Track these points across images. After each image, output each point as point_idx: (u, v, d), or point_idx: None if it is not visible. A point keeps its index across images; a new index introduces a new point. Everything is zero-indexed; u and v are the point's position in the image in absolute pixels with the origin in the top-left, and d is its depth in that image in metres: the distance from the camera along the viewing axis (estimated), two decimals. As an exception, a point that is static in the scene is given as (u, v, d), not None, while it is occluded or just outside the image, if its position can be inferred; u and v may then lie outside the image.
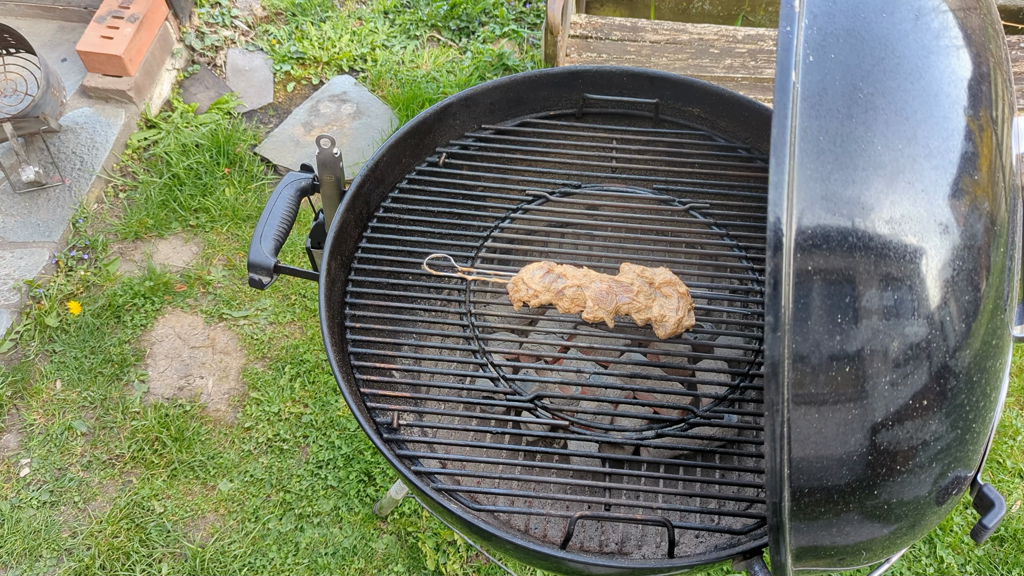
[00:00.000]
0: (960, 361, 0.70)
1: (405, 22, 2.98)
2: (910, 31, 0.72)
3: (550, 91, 1.43)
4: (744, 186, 1.36)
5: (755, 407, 1.20)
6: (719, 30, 2.61)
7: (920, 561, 1.92)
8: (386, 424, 1.13)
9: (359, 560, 1.90)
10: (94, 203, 2.46)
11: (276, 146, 2.64)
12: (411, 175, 1.37)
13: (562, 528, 1.19)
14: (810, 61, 0.68)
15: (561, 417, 1.16)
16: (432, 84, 2.74)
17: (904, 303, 0.67)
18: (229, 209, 2.45)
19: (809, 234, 0.65)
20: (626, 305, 1.19)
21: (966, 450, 0.76)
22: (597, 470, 1.09)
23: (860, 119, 0.67)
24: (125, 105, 2.58)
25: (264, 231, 1.19)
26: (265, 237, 1.19)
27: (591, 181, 1.39)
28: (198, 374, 2.18)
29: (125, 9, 2.57)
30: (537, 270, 1.22)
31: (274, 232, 1.20)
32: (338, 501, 1.97)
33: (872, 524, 0.76)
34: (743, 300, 1.34)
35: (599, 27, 2.62)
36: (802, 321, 0.66)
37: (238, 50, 2.89)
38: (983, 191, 0.71)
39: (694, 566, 1.02)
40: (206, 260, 2.37)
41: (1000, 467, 2.06)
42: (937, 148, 0.69)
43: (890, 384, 0.68)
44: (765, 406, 0.69)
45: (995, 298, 0.72)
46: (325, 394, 2.13)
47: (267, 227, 1.19)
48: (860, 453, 0.70)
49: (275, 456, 2.04)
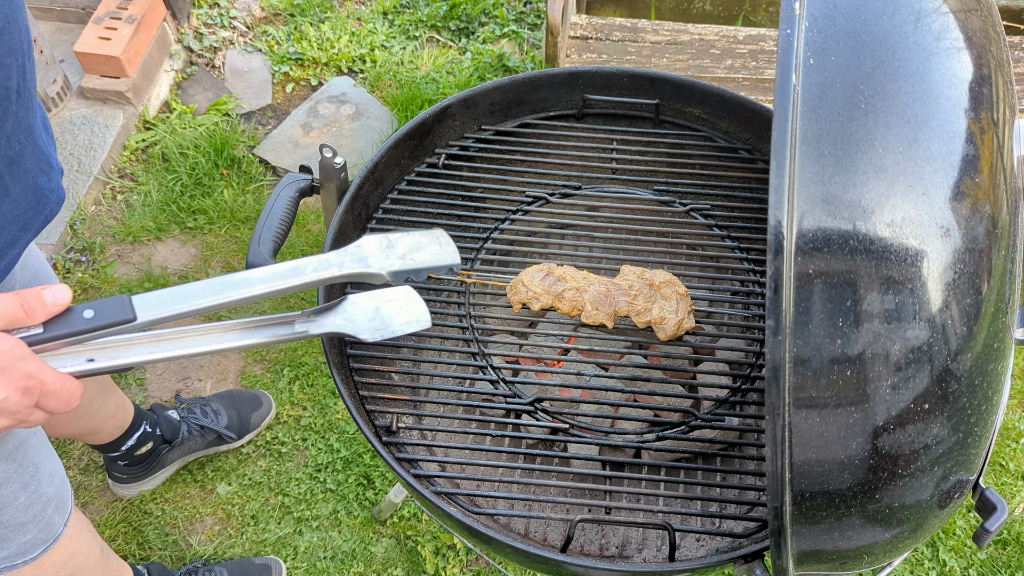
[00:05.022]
0: (962, 364, 0.70)
1: (404, 23, 2.98)
2: (911, 33, 0.72)
3: (550, 92, 1.42)
4: (745, 187, 1.35)
5: (756, 410, 1.20)
6: (720, 30, 2.61)
7: (923, 564, 1.92)
8: (385, 427, 1.13)
9: (358, 564, 1.89)
10: (92, 205, 2.45)
11: (275, 147, 2.64)
12: (410, 176, 1.37)
13: (562, 531, 1.18)
14: (811, 64, 0.68)
15: (561, 420, 1.16)
16: (431, 85, 2.74)
17: (905, 306, 0.67)
18: (227, 211, 2.44)
19: (810, 237, 0.65)
20: (625, 307, 1.19)
21: (968, 453, 0.76)
22: (597, 473, 1.09)
23: (861, 122, 0.67)
24: (123, 106, 2.57)
25: (263, 232, 1.18)
26: (264, 239, 1.18)
27: (591, 182, 1.39)
28: (196, 376, 2.18)
29: (123, 10, 2.57)
30: (537, 272, 1.22)
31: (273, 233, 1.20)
32: (337, 504, 1.97)
33: (874, 528, 0.76)
34: (744, 302, 1.34)
35: (599, 28, 2.61)
36: (803, 324, 0.66)
37: (236, 51, 2.89)
38: (984, 194, 0.71)
39: (695, 570, 1.02)
40: (204, 262, 2.37)
41: (1003, 470, 2.06)
42: (938, 151, 0.69)
43: (891, 388, 0.68)
44: (766, 409, 0.69)
45: (996, 301, 0.72)
46: (324, 397, 2.13)
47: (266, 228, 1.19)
48: (862, 457, 0.70)
49: (273, 459, 2.04)
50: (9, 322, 0.74)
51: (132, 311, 0.79)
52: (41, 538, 1.25)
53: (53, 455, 1.26)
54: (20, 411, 0.74)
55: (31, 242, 0.94)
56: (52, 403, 0.77)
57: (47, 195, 0.96)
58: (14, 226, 0.92)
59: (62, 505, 1.28)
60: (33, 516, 1.21)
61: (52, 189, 0.97)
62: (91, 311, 0.78)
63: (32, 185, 0.93)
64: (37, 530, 1.23)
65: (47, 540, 1.26)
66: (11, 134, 0.87)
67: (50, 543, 1.27)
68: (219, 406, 1.99)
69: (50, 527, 1.26)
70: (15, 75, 0.84)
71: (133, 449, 1.84)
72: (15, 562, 1.23)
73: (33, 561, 1.25)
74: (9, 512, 1.16)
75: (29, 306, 0.75)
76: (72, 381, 0.78)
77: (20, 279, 1.17)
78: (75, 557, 1.37)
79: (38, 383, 0.74)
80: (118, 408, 1.75)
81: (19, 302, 0.75)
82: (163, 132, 2.60)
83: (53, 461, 1.25)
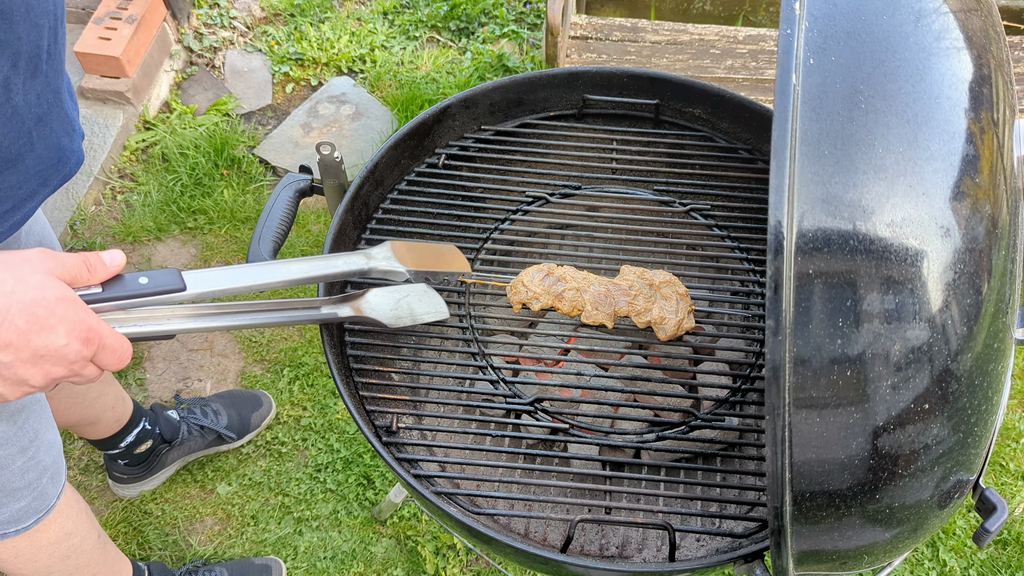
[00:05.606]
0: (962, 364, 0.70)
1: (404, 23, 2.98)
2: (911, 33, 0.72)
3: (550, 92, 1.42)
4: (745, 187, 1.35)
5: (756, 410, 1.20)
6: (720, 31, 2.61)
7: (923, 564, 1.92)
8: (385, 427, 1.13)
9: (358, 564, 1.89)
10: (92, 205, 2.45)
11: (275, 147, 2.64)
12: (410, 176, 1.37)
13: (562, 531, 1.18)
14: (811, 64, 0.68)
15: (561, 420, 1.16)
16: (431, 85, 2.74)
17: (905, 306, 0.67)
18: (227, 211, 2.44)
19: (810, 237, 0.65)
20: (625, 308, 1.19)
21: (968, 453, 0.76)
22: (597, 473, 1.09)
23: (861, 122, 0.67)
24: (123, 106, 2.57)
25: (263, 233, 1.18)
26: (264, 239, 1.18)
27: (591, 182, 1.39)
28: (196, 376, 2.18)
29: (123, 10, 2.57)
30: (537, 272, 1.22)
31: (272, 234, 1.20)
32: (337, 505, 1.97)
33: (874, 528, 0.76)
34: (744, 302, 1.34)
35: (599, 28, 2.61)
36: (803, 325, 0.66)
37: (236, 51, 2.89)
38: (984, 194, 0.71)
39: (695, 570, 1.02)
40: (204, 262, 2.37)
41: (1003, 470, 2.06)
42: (938, 151, 0.69)
43: (891, 388, 0.68)
44: (766, 410, 0.69)
45: (997, 301, 0.72)
46: (324, 397, 2.13)
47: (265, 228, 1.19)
48: (862, 457, 0.70)
49: (273, 459, 2.04)
50: (73, 278, 0.79)
51: (182, 281, 0.86)
52: (35, 507, 1.27)
53: (53, 426, 1.27)
54: (77, 361, 0.77)
55: (46, 199, 0.99)
56: (107, 358, 0.80)
57: (68, 155, 1.01)
58: (34, 180, 0.96)
59: (57, 476, 1.30)
60: (28, 483, 1.23)
61: (73, 151, 1.02)
62: (145, 278, 0.85)
63: (56, 144, 0.97)
64: (31, 498, 1.25)
65: (40, 510, 1.28)
66: (41, 92, 0.91)
67: (43, 513, 1.29)
68: (219, 406, 1.99)
69: (44, 497, 1.28)
70: (47, 36, 0.88)
71: (132, 447, 1.84)
72: (7, 530, 1.25)
73: (26, 531, 1.27)
74: (5, 475, 1.18)
75: (91, 264, 0.81)
76: (125, 340, 0.82)
77: (25, 246, 1.19)
78: (71, 537, 1.38)
79: (97, 335, 0.78)
80: (116, 400, 1.76)
81: (82, 260, 0.80)
82: (163, 132, 2.60)
83: (52, 432, 1.27)
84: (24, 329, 0.73)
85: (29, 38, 0.85)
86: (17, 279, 0.73)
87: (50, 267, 0.76)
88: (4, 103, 0.84)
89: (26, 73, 0.87)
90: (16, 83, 0.85)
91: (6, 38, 0.81)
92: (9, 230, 0.95)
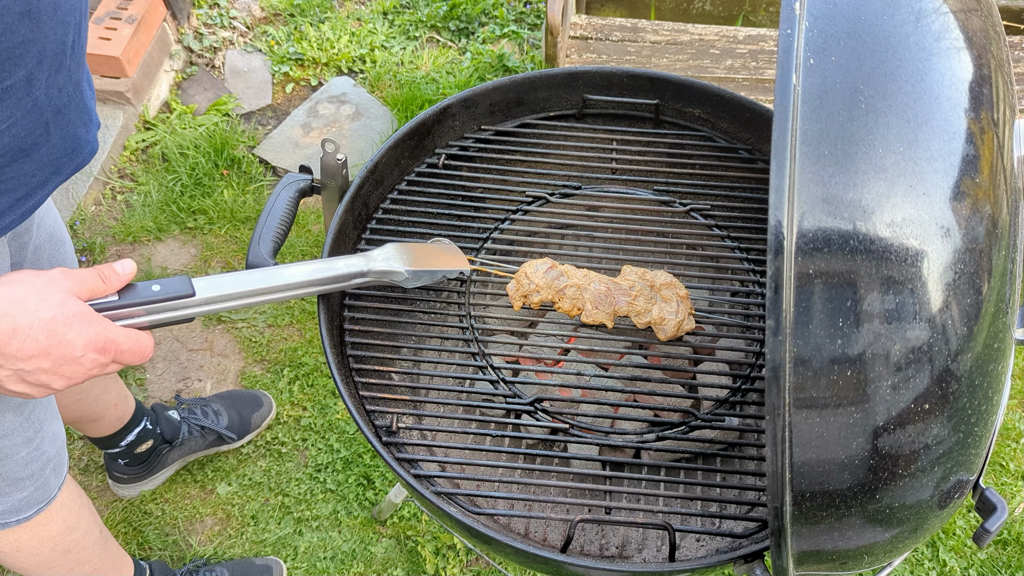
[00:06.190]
0: (962, 364, 0.70)
1: (404, 23, 2.98)
2: (911, 33, 0.72)
3: (550, 92, 1.42)
4: (745, 187, 1.35)
5: (756, 410, 1.20)
6: (720, 31, 2.61)
7: (923, 565, 1.92)
8: (385, 427, 1.13)
9: (358, 564, 1.89)
10: (92, 205, 2.45)
11: (275, 147, 2.64)
12: (410, 176, 1.37)
13: (562, 531, 1.18)
14: (811, 64, 0.68)
15: (561, 420, 1.16)
16: (431, 85, 2.74)
17: (906, 306, 0.67)
18: (227, 211, 2.44)
19: (810, 237, 0.65)
20: (625, 307, 1.19)
21: (968, 454, 0.76)
22: (597, 473, 1.09)
23: (861, 122, 0.67)
24: (123, 106, 2.57)
25: (263, 233, 1.18)
26: (264, 239, 1.18)
27: (591, 182, 1.39)
28: (196, 376, 2.18)
29: (123, 10, 2.57)
30: (541, 265, 1.22)
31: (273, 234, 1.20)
32: (337, 505, 1.97)
33: (874, 528, 0.76)
34: (744, 302, 1.34)
35: (599, 28, 2.61)
36: (803, 325, 0.66)
37: (236, 51, 2.89)
38: (984, 194, 0.71)
39: (695, 570, 1.02)
40: (204, 262, 2.37)
41: (1003, 470, 2.06)
42: (938, 151, 0.69)
43: (892, 388, 0.68)
44: (766, 410, 0.69)
45: (997, 301, 0.72)
46: (324, 397, 2.13)
47: (265, 229, 1.19)
48: (862, 457, 0.70)
49: (273, 459, 2.04)
50: (91, 292, 0.86)
51: (192, 288, 0.94)
52: (36, 498, 1.27)
53: (58, 418, 1.28)
54: (95, 368, 0.85)
55: (57, 187, 1.02)
56: (127, 358, 0.88)
57: (82, 145, 1.03)
58: (48, 169, 0.98)
59: (59, 468, 1.31)
60: (31, 473, 1.23)
61: (88, 140, 1.04)
62: (158, 286, 0.92)
63: (72, 135, 0.99)
64: (33, 488, 1.25)
65: (41, 501, 1.29)
66: (62, 86, 0.93)
67: (44, 504, 1.29)
68: (219, 406, 1.99)
69: (46, 488, 1.28)
70: (72, 32, 0.90)
71: (133, 446, 1.84)
72: (9, 520, 1.26)
73: (27, 521, 1.27)
74: (9, 465, 1.18)
75: (105, 276, 0.88)
76: (141, 335, 0.89)
77: (36, 237, 1.21)
78: (73, 532, 1.38)
79: (113, 344, 0.85)
80: (119, 397, 1.76)
81: (97, 274, 0.87)
82: (163, 132, 2.60)
83: (57, 423, 1.27)
84: (45, 344, 0.81)
85: (55, 36, 0.86)
86: (40, 298, 0.81)
87: (69, 286, 0.84)
88: (25, 97, 0.86)
89: (51, 69, 0.88)
90: (39, 78, 0.87)
91: (33, 37, 0.83)
92: (20, 217, 0.96)
